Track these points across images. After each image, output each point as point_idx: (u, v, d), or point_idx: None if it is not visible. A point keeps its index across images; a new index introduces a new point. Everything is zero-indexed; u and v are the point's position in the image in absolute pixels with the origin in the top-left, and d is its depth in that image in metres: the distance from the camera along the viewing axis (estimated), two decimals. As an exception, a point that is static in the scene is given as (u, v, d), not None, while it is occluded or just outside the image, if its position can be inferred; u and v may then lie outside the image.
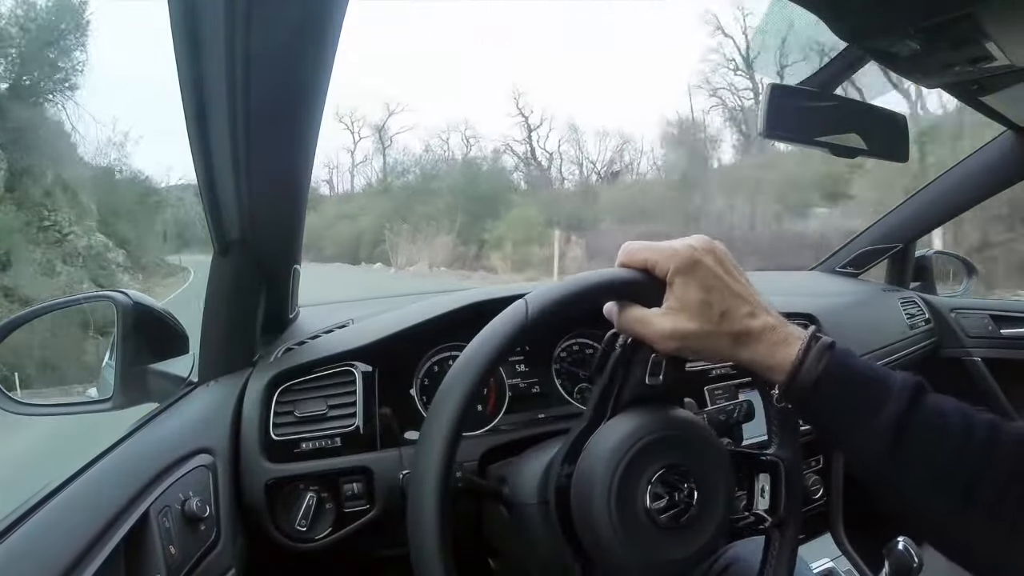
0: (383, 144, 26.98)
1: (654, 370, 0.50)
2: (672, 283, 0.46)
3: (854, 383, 0.45)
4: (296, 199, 0.68)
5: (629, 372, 0.50)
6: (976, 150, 1.28)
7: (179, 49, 0.47)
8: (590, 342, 0.93)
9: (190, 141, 0.56)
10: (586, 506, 0.46)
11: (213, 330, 0.76)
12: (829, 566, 0.99)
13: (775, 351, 0.45)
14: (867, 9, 0.62)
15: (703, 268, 0.46)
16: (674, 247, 0.46)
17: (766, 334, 0.46)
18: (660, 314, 0.46)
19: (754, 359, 0.46)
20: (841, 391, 0.45)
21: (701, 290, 0.45)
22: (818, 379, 0.44)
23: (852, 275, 1.53)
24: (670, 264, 0.46)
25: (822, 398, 0.44)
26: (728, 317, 0.45)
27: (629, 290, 0.48)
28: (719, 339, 0.46)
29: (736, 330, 0.45)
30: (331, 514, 0.69)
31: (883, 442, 0.43)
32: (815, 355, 0.45)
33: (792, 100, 0.73)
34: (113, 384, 0.73)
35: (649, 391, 0.50)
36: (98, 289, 3.04)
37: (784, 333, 0.46)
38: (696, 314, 0.45)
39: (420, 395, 0.81)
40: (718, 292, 0.45)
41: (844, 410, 0.45)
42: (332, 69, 0.52)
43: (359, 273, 18.15)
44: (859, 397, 0.44)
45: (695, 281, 0.45)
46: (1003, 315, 1.36)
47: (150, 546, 0.51)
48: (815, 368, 0.44)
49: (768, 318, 0.47)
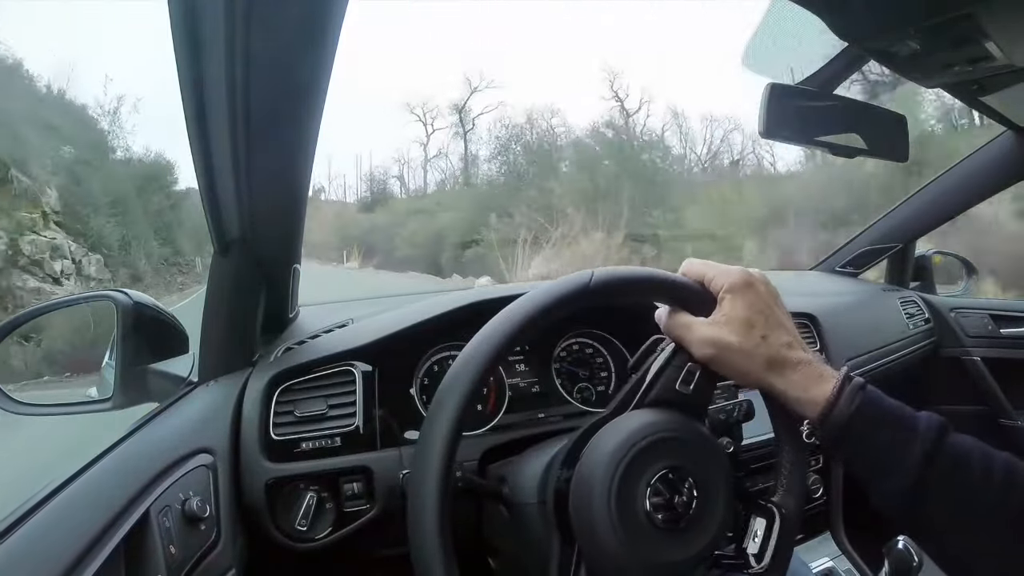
0: (464, 128, 22.53)
1: (687, 378, 0.51)
2: (722, 299, 0.49)
3: (884, 422, 0.46)
4: (296, 199, 0.68)
5: (662, 374, 0.52)
6: (976, 150, 1.28)
7: (179, 49, 0.47)
8: (590, 342, 0.93)
9: (190, 141, 0.56)
10: (586, 508, 0.46)
11: (213, 330, 0.76)
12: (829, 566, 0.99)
13: (809, 385, 0.47)
14: (867, 9, 0.62)
15: (753, 292, 0.49)
16: (731, 268, 0.50)
17: (802, 367, 0.48)
18: (704, 323, 0.49)
19: (787, 390, 0.48)
20: (872, 430, 0.46)
21: (747, 310, 0.48)
22: (851, 417, 0.46)
23: (852, 275, 1.53)
24: (724, 281, 0.49)
25: (854, 436, 0.46)
26: (768, 342, 0.47)
27: (682, 294, 0.51)
28: (755, 360, 0.47)
29: (772, 355, 0.47)
30: (331, 514, 0.70)
31: (909, 479, 0.44)
32: (848, 394, 0.46)
33: (792, 100, 0.73)
34: (113, 384, 0.73)
35: (677, 396, 0.51)
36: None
37: (819, 369, 0.48)
38: (738, 330, 0.47)
39: (420, 395, 0.81)
40: (762, 316, 0.48)
41: (874, 448, 0.46)
42: (332, 69, 0.52)
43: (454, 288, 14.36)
44: (889, 436, 0.46)
45: (743, 301, 0.48)
46: (1003, 315, 1.36)
47: (150, 546, 0.51)
48: (848, 407, 0.46)
49: (804, 354, 0.49)
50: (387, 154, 42.26)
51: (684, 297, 0.51)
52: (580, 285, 0.50)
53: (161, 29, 0.46)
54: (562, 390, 0.88)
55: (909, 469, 0.44)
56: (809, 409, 0.47)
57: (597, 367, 0.92)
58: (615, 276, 0.51)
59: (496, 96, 30.85)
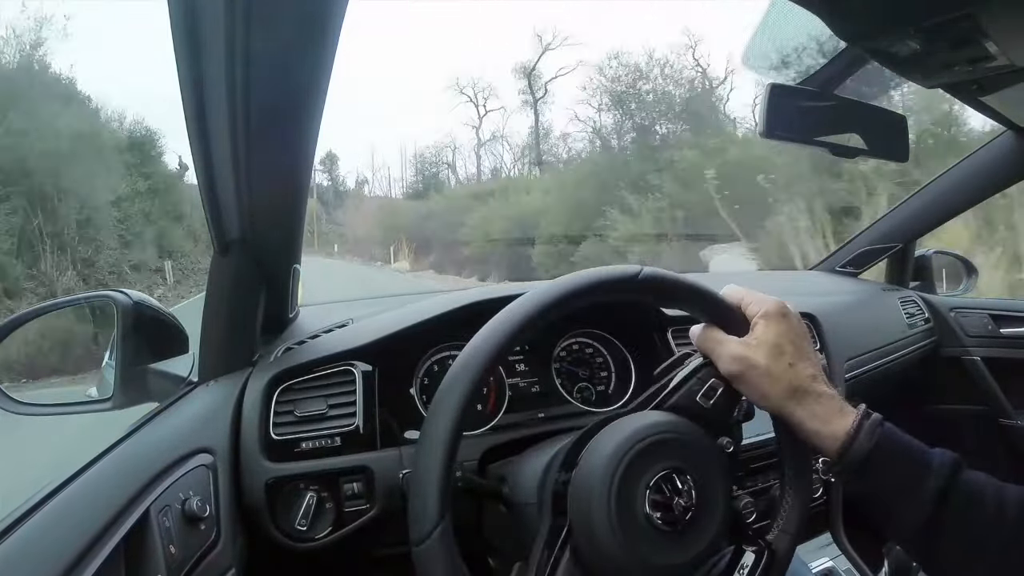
0: (534, 94, 17.39)
1: (708, 393, 0.52)
2: (756, 323, 0.51)
3: (901, 458, 0.48)
4: (296, 199, 0.68)
5: (685, 384, 0.53)
6: (976, 150, 1.28)
7: (179, 49, 0.47)
8: (590, 341, 0.93)
9: (190, 141, 0.56)
10: (585, 508, 0.46)
11: (213, 330, 0.76)
12: (829, 566, 0.99)
13: (830, 418, 0.48)
14: (867, 9, 0.62)
15: (787, 322, 0.51)
16: (767, 297, 0.52)
17: (824, 399, 0.49)
18: (736, 341, 0.51)
19: (805, 420, 0.49)
20: (889, 466, 0.47)
21: (778, 337, 0.50)
22: (870, 453, 0.47)
23: (852, 274, 1.53)
24: (761, 307, 0.51)
25: (872, 471, 0.47)
26: (794, 370, 0.49)
27: (720, 311, 0.52)
28: (778, 384, 0.49)
29: (797, 384, 0.49)
30: (331, 514, 0.69)
31: (924, 514, 0.45)
32: (868, 430, 0.47)
33: (792, 100, 0.73)
34: (113, 384, 0.73)
35: (695, 407, 0.51)
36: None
37: (839, 404, 0.49)
38: (767, 353, 0.49)
39: (420, 394, 0.81)
40: (792, 346, 0.50)
41: (890, 483, 0.47)
42: (332, 69, 0.52)
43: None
44: (904, 472, 0.47)
45: (776, 328, 0.50)
46: (1003, 314, 1.36)
47: (150, 546, 0.51)
48: (868, 442, 0.47)
49: (827, 388, 0.50)
50: (434, 140, 41.07)
51: (721, 314, 0.52)
52: (628, 275, 0.51)
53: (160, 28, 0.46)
54: (562, 390, 0.88)
55: (924, 505, 0.45)
56: (827, 442, 0.48)
57: (597, 367, 0.92)
58: (663, 277, 0.52)
59: (574, 55, 27.12)
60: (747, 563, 0.52)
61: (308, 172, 0.65)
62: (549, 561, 0.47)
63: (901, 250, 1.48)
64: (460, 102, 22.11)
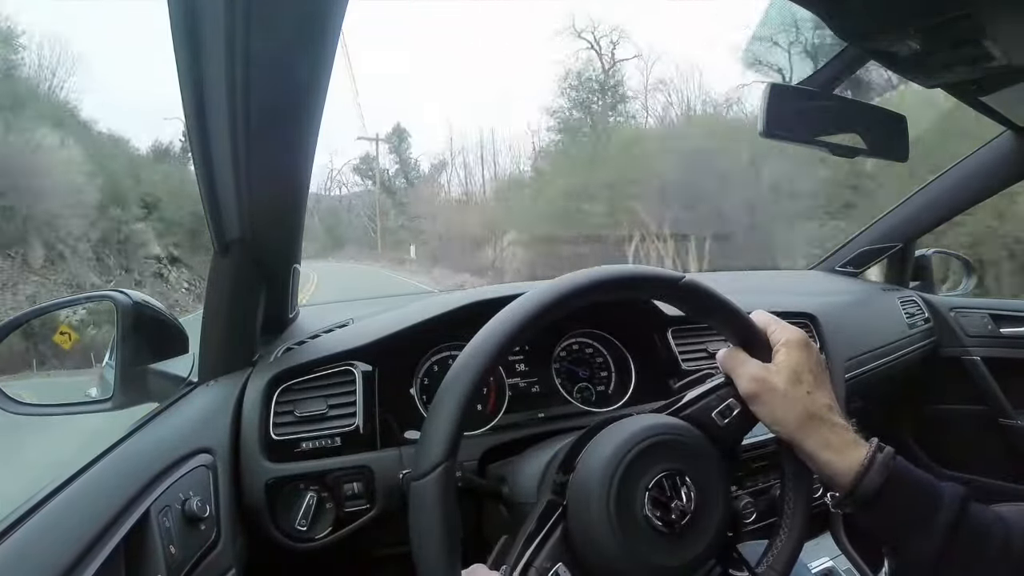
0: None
1: (724, 411, 0.52)
2: (778, 350, 0.52)
3: (912, 492, 0.48)
4: (296, 199, 0.68)
5: (703, 399, 0.53)
6: (976, 150, 1.28)
7: (179, 49, 0.47)
8: (590, 341, 0.93)
9: (190, 141, 0.56)
10: (584, 509, 0.46)
11: (213, 330, 0.76)
12: (829, 565, 1.00)
13: (844, 449, 0.49)
14: (867, 9, 0.62)
15: (808, 352, 0.52)
16: (792, 327, 0.54)
17: (838, 430, 0.50)
18: (758, 363, 0.52)
19: (819, 450, 0.49)
20: (901, 498, 0.48)
21: (799, 365, 0.51)
22: (883, 485, 0.47)
23: (851, 274, 1.53)
24: (784, 335, 0.52)
25: (884, 504, 0.48)
26: (811, 398, 0.50)
27: (746, 333, 0.53)
28: (795, 409, 0.49)
29: (812, 411, 0.49)
30: (331, 514, 0.70)
31: (934, 546, 0.46)
32: (881, 462, 0.48)
33: (792, 100, 0.73)
34: (113, 384, 0.73)
35: (708, 422, 0.52)
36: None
37: (853, 436, 0.50)
38: (787, 379, 0.50)
39: (420, 394, 0.81)
40: (811, 375, 0.51)
41: (902, 516, 0.48)
42: (332, 69, 0.52)
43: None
44: (915, 505, 0.48)
45: (798, 356, 0.51)
46: (1003, 314, 1.36)
47: (150, 546, 0.51)
48: (881, 475, 0.47)
49: (842, 420, 0.51)
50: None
51: (747, 337, 0.53)
52: (672, 279, 0.52)
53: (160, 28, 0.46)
54: (562, 390, 0.88)
55: (934, 538, 0.46)
56: (840, 473, 0.49)
57: (597, 367, 0.92)
58: (704, 288, 0.53)
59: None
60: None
61: (308, 172, 0.65)
62: (538, 535, 0.47)
63: (901, 250, 1.47)
64: (579, 48, 17.54)
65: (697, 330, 0.94)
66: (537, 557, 0.45)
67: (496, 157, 22.26)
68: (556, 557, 0.45)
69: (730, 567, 0.52)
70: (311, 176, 0.66)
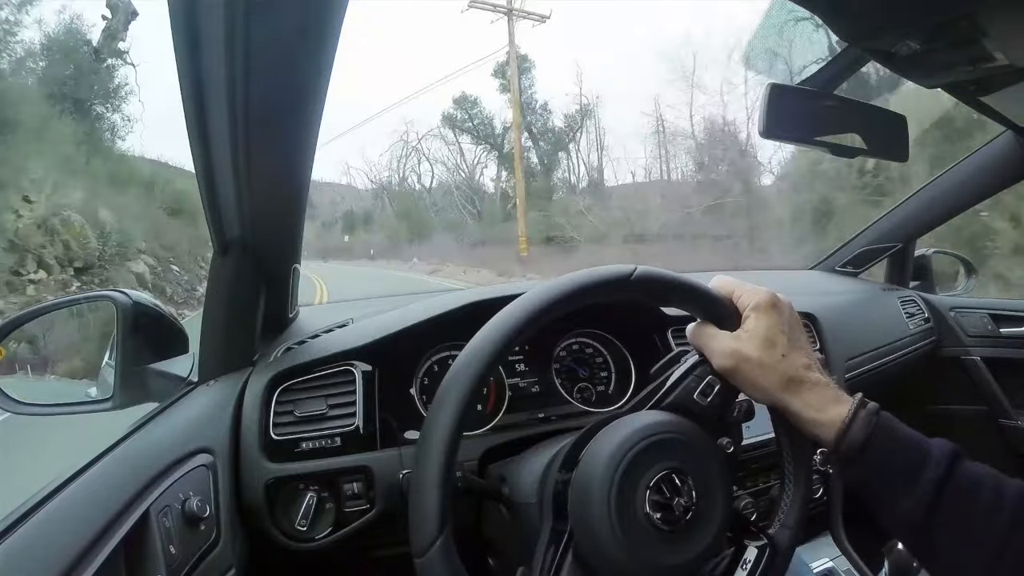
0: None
1: (705, 390, 0.52)
2: (747, 316, 0.50)
3: (898, 447, 0.47)
4: (296, 199, 0.68)
5: (682, 382, 0.53)
6: (976, 150, 1.28)
7: (179, 49, 0.47)
8: (589, 341, 0.93)
9: (190, 141, 0.56)
10: (585, 508, 0.46)
11: (213, 330, 0.76)
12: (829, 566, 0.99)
13: (826, 406, 0.48)
14: (867, 9, 0.62)
15: (778, 313, 0.50)
16: (758, 288, 0.52)
17: (819, 388, 0.49)
18: (728, 335, 0.50)
19: (802, 410, 0.48)
20: (886, 455, 0.47)
21: (770, 329, 0.49)
22: (866, 441, 0.46)
23: (851, 274, 1.53)
24: (751, 299, 0.51)
25: (869, 460, 0.47)
26: (788, 360, 0.49)
27: (712, 307, 0.52)
28: (773, 375, 0.48)
29: (792, 374, 0.48)
30: (331, 514, 0.70)
31: (921, 504, 0.45)
32: (864, 418, 0.47)
33: (792, 100, 0.73)
34: (113, 384, 0.73)
35: (693, 405, 0.52)
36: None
37: (835, 393, 0.49)
38: (759, 346, 0.49)
39: (420, 395, 0.81)
40: (784, 337, 0.49)
41: (888, 473, 0.47)
42: (332, 69, 0.52)
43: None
44: (902, 461, 0.47)
45: (768, 320, 0.50)
46: (1003, 314, 1.36)
47: (150, 546, 0.51)
48: (864, 429, 0.47)
49: (821, 376, 0.50)
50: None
51: (713, 310, 0.52)
52: (622, 275, 0.51)
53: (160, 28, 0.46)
54: (562, 390, 0.88)
55: (921, 495, 0.45)
56: (824, 430, 0.48)
57: (597, 367, 0.92)
58: (656, 275, 0.52)
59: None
60: (750, 558, 0.52)
61: (308, 172, 0.65)
62: (552, 564, 0.47)
63: (901, 250, 1.48)
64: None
65: None
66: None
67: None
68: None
69: (744, 538, 0.52)
70: (311, 176, 0.66)
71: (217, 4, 0.43)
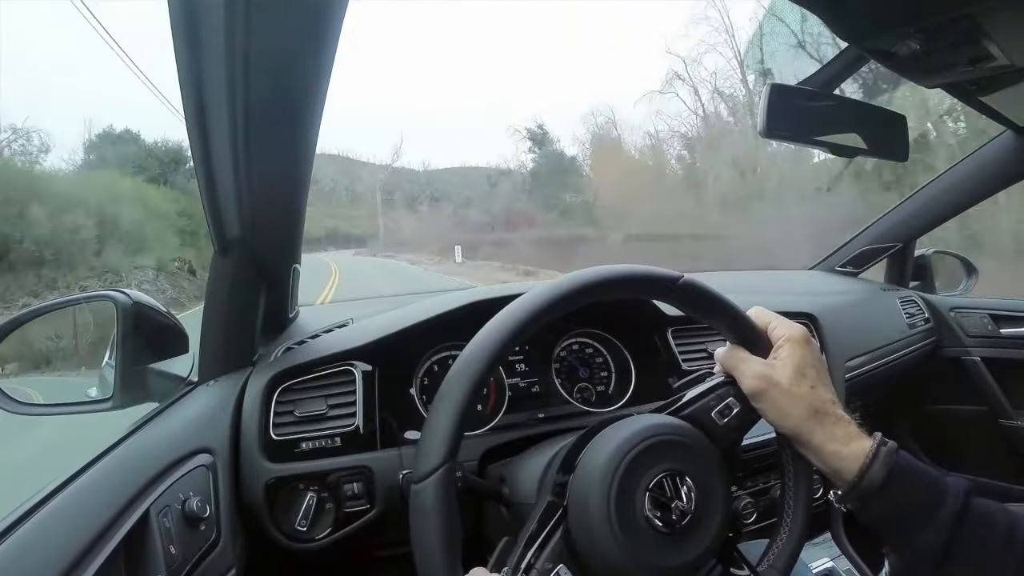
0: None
1: (723, 411, 0.52)
2: (780, 346, 0.52)
3: (917, 484, 0.48)
4: (296, 199, 0.68)
5: (702, 398, 0.53)
6: (976, 150, 1.28)
7: (179, 49, 0.47)
8: (590, 341, 0.93)
9: (190, 141, 0.56)
10: (584, 509, 0.46)
11: (213, 330, 0.76)
12: (829, 566, 1.00)
13: (850, 440, 0.49)
14: (867, 9, 0.62)
15: (809, 347, 0.52)
16: (792, 323, 0.53)
17: (843, 423, 0.50)
18: (760, 361, 0.52)
19: (826, 441, 0.49)
20: (906, 489, 0.48)
21: (801, 360, 0.51)
22: (887, 476, 0.47)
23: (851, 274, 1.53)
24: (786, 331, 0.52)
25: (889, 497, 0.48)
26: (815, 392, 0.50)
27: (746, 331, 0.53)
28: (800, 404, 0.49)
29: (817, 406, 0.50)
30: (331, 514, 0.70)
31: (940, 538, 0.46)
32: (885, 455, 0.48)
33: (792, 100, 0.73)
34: (113, 384, 0.73)
35: (707, 421, 0.52)
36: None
37: (856, 429, 0.50)
38: (789, 375, 0.50)
39: (420, 395, 0.81)
40: (814, 371, 0.51)
41: (907, 508, 0.48)
42: (332, 69, 0.52)
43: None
44: (921, 497, 0.48)
45: (800, 352, 0.51)
46: (1003, 314, 1.36)
47: (150, 546, 0.51)
48: (884, 466, 0.47)
49: (844, 413, 0.51)
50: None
51: (747, 335, 0.53)
52: (669, 278, 0.52)
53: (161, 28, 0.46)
54: (562, 390, 0.88)
55: (940, 530, 0.46)
56: (846, 463, 0.49)
57: (597, 367, 0.92)
58: (702, 287, 0.52)
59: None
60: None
61: (308, 172, 0.65)
62: (539, 536, 0.47)
63: (901, 250, 1.48)
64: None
65: (697, 330, 0.94)
66: (538, 559, 0.45)
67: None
68: (557, 559, 0.45)
69: (731, 566, 0.52)
70: (311, 176, 0.66)
71: (217, 4, 0.43)
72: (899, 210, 1.44)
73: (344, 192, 31.83)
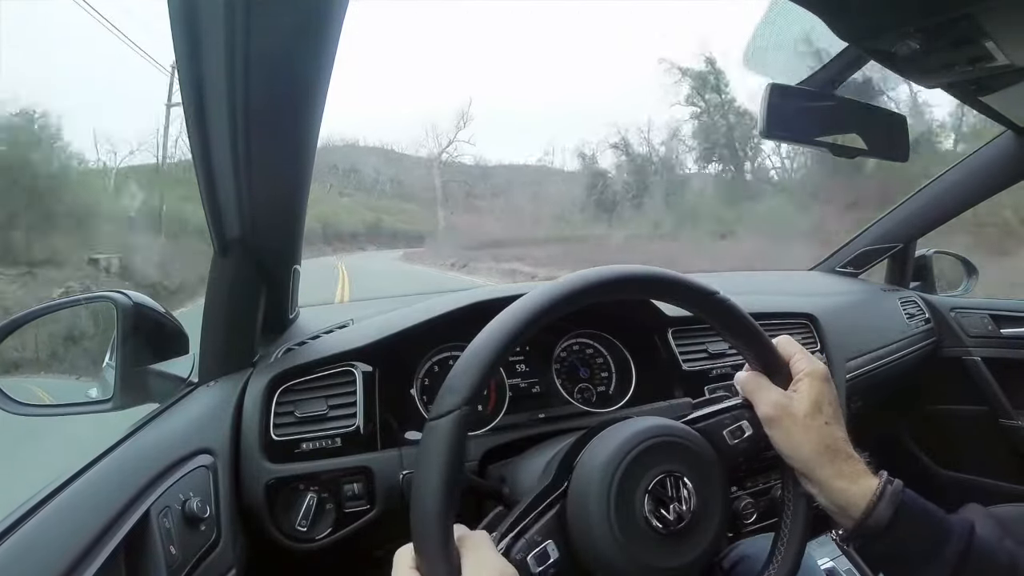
0: None
1: (735, 432, 0.53)
2: (800, 379, 0.52)
3: (923, 522, 0.49)
4: (296, 199, 0.68)
5: (716, 416, 0.53)
6: (976, 150, 1.28)
7: (179, 49, 0.47)
8: (590, 342, 0.93)
9: (190, 141, 0.56)
10: (583, 510, 0.46)
11: (213, 330, 0.76)
12: (829, 566, 0.99)
13: (858, 478, 0.49)
14: (867, 9, 0.62)
15: (829, 386, 0.53)
16: (815, 359, 0.54)
17: (852, 460, 0.50)
18: (779, 390, 0.53)
19: (834, 477, 0.50)
20: (911, 529, 0.48)
21: (820, 396, 0.51)
22: (893, 515, 0.48)
23: (852, 275, 1.53)
24: (807, 366, 0.53)
25: (895, 535, 0.48)
26: (829, 428, 0.51)
27: (769, 359, 0.53)
28: (812, 437, 0.50)
29: (829, 442, 0.50)
30: (331, 514, 0.69)
31: (946, 575, 0.47)
32: (891, 493, 0.48)
33: (792, 100, 0.73)
34: (113, 384, 0.73)
35: (718, 439, 0.52)
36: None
37: (864, 468, 0.51)
38: (806, 408, 0.51)
39: (420, 395, 0.81)
40: (831, 408, 0.51)
41: (914, 546, 0.49)
42: (332, 69, 0.52)
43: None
44: (928, 534, 0.49)
45: (819, 387, 0.52)
46: (1003, 315, 1.36)
47: (151, 546, 0.51)
48: (891, 505, 0.48)
49: (854, 452, 0.51)
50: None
51: (769, 362, 0.53)
52: (708, 291, 0.52)
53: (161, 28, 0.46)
54: (562, 390, 0.88)
55: (943, 567, 0.47)
56: (853, 500, 0.49)
57: (597, 367, 0.92)
58: (734, 307, 0.52)
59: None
60: None
61: (308, 172, 0.65)
62: (534, 510, 0.47)
63: (901, 250, 1.48)
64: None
65: (697, 331, 0.94)
66: (529, 529, 0.45)
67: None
68: (548, 534, 0.46)
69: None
70: (311, 176, 0.66)
71: (217, 4, 0.43)
72: (899, 210, 1.44)
73: (389, 184, 27.60)
